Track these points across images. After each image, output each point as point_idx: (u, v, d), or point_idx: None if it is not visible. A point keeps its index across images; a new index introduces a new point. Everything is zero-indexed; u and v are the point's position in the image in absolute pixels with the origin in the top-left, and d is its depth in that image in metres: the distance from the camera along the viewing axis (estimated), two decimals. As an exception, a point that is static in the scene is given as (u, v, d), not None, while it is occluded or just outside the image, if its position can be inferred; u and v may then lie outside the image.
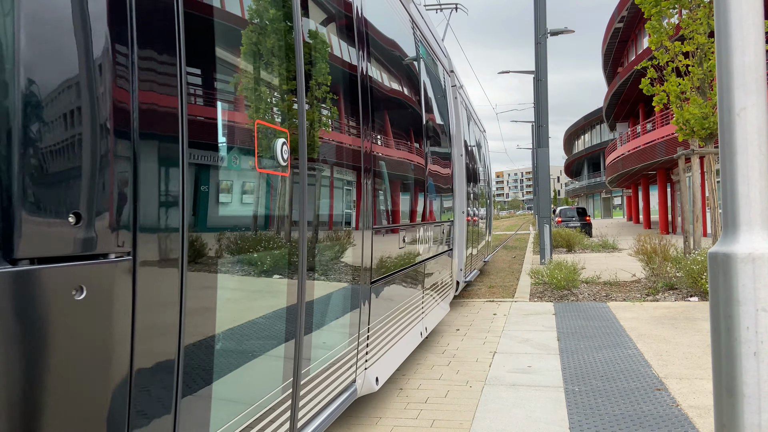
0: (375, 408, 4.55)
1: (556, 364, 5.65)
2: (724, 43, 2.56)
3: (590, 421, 4.13)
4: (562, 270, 10.38)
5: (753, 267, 2.45)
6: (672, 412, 4.24)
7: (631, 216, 51.15)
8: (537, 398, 4.64)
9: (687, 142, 12.32)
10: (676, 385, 4.85)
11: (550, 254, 15.33)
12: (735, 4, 2.53)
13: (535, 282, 11.16)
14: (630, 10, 30.87)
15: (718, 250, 2.55)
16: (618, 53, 38.80)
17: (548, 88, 16.83)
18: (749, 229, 2.50)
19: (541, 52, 16.43)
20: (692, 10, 11.44)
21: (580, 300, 9.50)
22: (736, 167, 2.53)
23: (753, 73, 2.52)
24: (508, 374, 5.34)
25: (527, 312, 8.58)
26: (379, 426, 4.18)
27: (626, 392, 4.72)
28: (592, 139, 70.73)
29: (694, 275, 9.13)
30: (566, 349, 6.24)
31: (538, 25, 16.38)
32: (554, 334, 7.00)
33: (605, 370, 5.40)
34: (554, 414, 4.28)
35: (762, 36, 2.55)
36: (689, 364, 5.49)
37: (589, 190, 77.88)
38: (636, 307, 8.67)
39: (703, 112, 11.24)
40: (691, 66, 11.56)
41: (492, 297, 10.22)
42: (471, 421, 4.21)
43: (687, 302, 8.85)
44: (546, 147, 16.53)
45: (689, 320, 7.53)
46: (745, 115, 2.51)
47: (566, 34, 17.83)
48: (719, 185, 4.76)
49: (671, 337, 6.61)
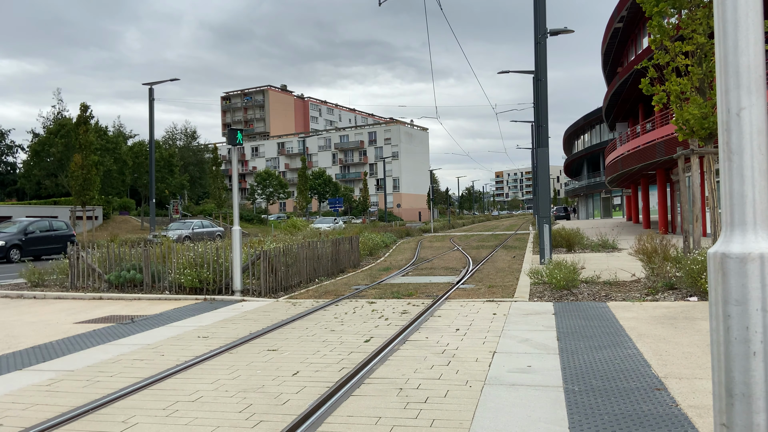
0: (375, 408, 4.56)
1: (555, 363, 5.65)
2: (724, 44, 2.56)
3: (590, 420, 4.13)
4: (562, 270, 10.38)
5: (753, 267, 2.45)
6: (672, 412, 4.24)
7: (630, 216, 51.11)
8: (537, 398, 4.64)
9: (686, 142, 12.32)
10: (675, 385, 4.85)
11: (550, 254, 15.32)
12: (734, 4, 2.53)
13: (535, 282, 11.16)
14: (630, 10, 30.85)
15: (717, 250, 2.55)
16: (618, 53, 38.77)
17: (548, 87, 16.82)
18: (749, 229, 2.50)
19: (541, 52, 16.41)
20: (692, 10, 11.44)
21: (579, 300, 9.50)
22: (736, 167, 2.53)
23: (752, 73, 2.52)
24: (507, 374, 5.34)
25: (527, 312, 8.58)
26: (378, 426, 4.18)
27: (626, 392, 4.73)
28: (592, 138, 70.70)
29: (694, 275, 9.13)
30: (566, 348, 6.24)
31: (537, 25, 16.37)
32: (554, 333, 7.00)
33: (605, 369, 5.41)
34: (554, 414, 4.28)
35: (761, 36, 2.55)
36: (689, 364, 5.49)
37: (588, 190, 77.83)
38: (636, 306, 8.67)
39: (703, 112, 11.23)
40: (690, 66, 11.55)
41: (492, 297, 10.22)
42: (471, 420, 4.21)
43: (687, 302, 8.85)
44: (546, 147, 16.53)
45: (689, 320, 7.53)
46: (744, 115, 2.52)
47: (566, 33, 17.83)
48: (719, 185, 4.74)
49: (671, 337, 6.61)
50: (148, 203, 52.92)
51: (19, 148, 66.16)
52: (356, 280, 13.67)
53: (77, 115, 34.71)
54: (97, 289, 12.39)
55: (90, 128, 34.73)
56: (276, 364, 6.01)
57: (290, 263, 12.49)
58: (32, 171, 58.16)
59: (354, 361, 5.97)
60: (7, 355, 6.89)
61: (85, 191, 33.92)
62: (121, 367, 6.12)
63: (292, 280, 12.53)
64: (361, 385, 5.17)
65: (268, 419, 4.40)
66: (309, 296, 11.21)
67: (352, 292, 11.51)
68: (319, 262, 14.14)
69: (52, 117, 62.03)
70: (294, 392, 5.05)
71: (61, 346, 7.27)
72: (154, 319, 9.06)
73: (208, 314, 9.39)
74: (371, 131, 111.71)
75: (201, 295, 11.27)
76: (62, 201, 50.28)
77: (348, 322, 8.20)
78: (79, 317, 9.51)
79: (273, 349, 6.73)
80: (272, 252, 11.76)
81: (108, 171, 53.24)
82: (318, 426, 4.20)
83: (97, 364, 6.31)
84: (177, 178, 62.03)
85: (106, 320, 9.14)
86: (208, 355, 6.46)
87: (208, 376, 5.63)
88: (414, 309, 9.14)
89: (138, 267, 12.23)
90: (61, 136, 55.43)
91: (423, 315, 8.40)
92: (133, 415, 4.57)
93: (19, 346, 7.37)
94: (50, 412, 4.69)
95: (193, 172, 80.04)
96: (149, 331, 8.13)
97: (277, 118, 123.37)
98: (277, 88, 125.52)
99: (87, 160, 33.92)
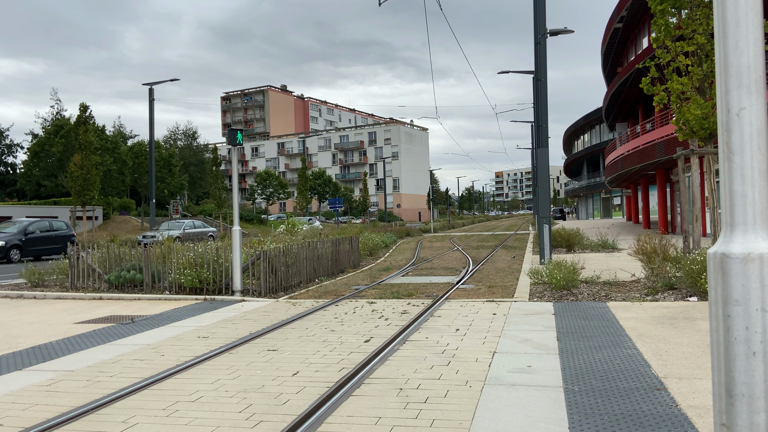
0: (375, 408, 4.56)
1: (555, 363, 5.65)
2: (724, 44, 2.57)
3: (590, 420, 4.13)
4: (562, 270, 10.38)
5: (752, 267, 2.45)
6: (671, 412, 4.24)
7: (630, 216, 51.12)
8: (537, 398, 4.64)
9: (686, 143, 12.32)
10: (675, 385, 4.86)
11: (550, 254, 15.32)
12: (734, 4, 2.53)
13: (535, 282, 11.16)
14: (629, 10, 30.85)
15: (717, 250, 2.55)
16: (617, 53, 38.78)
17: (548, 87, 16.82)
18: (748, 229, 2.50)
19: (541, 52, 16.41)
20: (692, 10, 11.44)
21: (579, 300, 9.50)
22: (736, 167, 2.53)
23: (752, 73, 2.52)
24: (507, 374, 5.34)
25: (527, 312, 8.58)
26: (378, 426, 4.19)
27: (626, 392, 4.73)
28: (592, 139, 70.70)
29: (694, 275, 9.13)
30: (566, 349, 6.25)
31: (537, 25, 16.37)
32: (554, 333, 7.00)
33: (605, 369, 5.41)
34: (554, 414, 4.29)
35: (761, 37, 2.55)
36: (689, 364, 5.49)
37: (588, 190, 77.83)
38: (635, 306, 8.67)
39: (703, 113, 11.23)
40: (691, 66, 11.55)
41: (492, 297, 10.22)
42: (470, 420, 4.21)
43: (686, 302, 8.85)
44: (546, 147, 16.53)
45: (689, 320, 7.53)
46: (744, 116, 2.52)
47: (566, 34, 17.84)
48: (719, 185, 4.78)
49: (671, 337, 6.61)
50: (148, 203, 52.94)
51: (19, 148, 66.13)
52: (356, 280, 13.67)
53: (77, 115, 34.70)
54: (97, 290, 12.39)
55: (90, 128, 34.70)
56: (276, 364, 6.01)
57: (290, 263, 12.49)
58: (32, 171, 58.15)
59: (354, 361, 5.97)
60: (7, 355, 6.89)
61: (85, 191, 33.90)
62: (121, 367, 6.12)
63: (292, 280, 12.53)
64: (361, 385, 5.17)
65: (268, 419, 4.40)
66: (309, 296, 11.21)
67: (352, 292, 11.51)
68: (319, 262, 14.14)
69: (50, 117, 62.02)
70: (294, 392, 5.05)
71: (61, 346, 7.27)
72: (154, 319, 9.06)
73: (208, 314, 9.39)
74: (371, 131, 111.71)
75: (201, 296, 11.27)
76: (62, 201, 50.28)
77: (348, 323, 8.20)
78: (79, 317, 9.51)
79: (273, 349, 6.73)
80: (272, 252, 11.76)
81: (108, 171, 53.24)
82: (318, 426, 4.20)
83: (97, 364, 6.31)
84: (177, 178, 62.03)
85: (106, 320, 9.14)
86: (208, 355, 6.46)
87: (208, 376, 5.64)
88: (414, 309, 9.14)
89: (138, 267, 12.23)
90: (61, 137, 55.42)
91: (423, 315, 8.40)
92: (133, 415, 4.57)
93: (19, 346, 7.37)
94: (50, 413, 4.69)
95: (193, 173, 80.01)
96: (149, 331, 8.13)
97: (277, 119, 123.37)
98: (277, 89, 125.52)
99: (87, 161, 33.91)
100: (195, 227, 34.58)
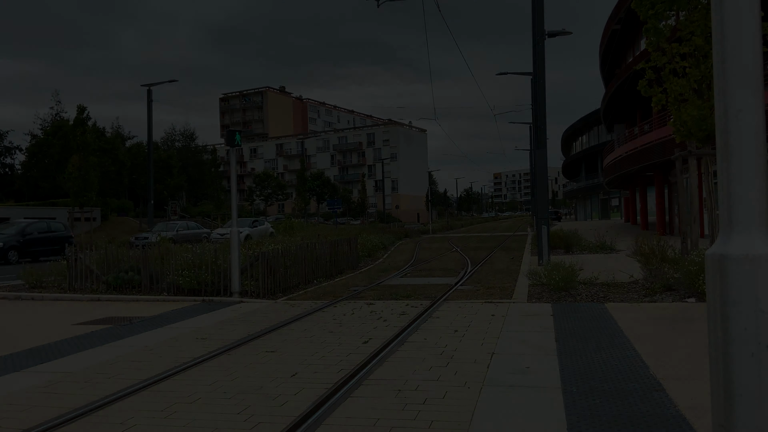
0: (373, 409, 4.55)
1: (554, 365, 5.65)
2: (722, 45, 2.57)
3: (588, 421, 4.14)
4: (560, 271, 10.39)
5: (750, 268, 2.46)
6: (670, 413, 4.24)
7: (628, 217, 51.14)
8: (535, 399, 4.65)
9: (684, 144, 12.34)
10: (673, 386, 4.86)
11: (548, 255, 15.32)
12: (732, 6, 2.54)
13: (533, 283, 11.16)
14: (627, 12, 30.88)
15: (715, 251, 2.56)
16: (615, 55, 38.81)
17: (546, 88, 16.84)
18: (746, 231, 2.51)
19: (539, 54, 16.44)
20: (690, 12, 11.45)
21: (578, 301, 9.51)
22: (734, 168, 2.53)
23: (750, 75, 2.52)
24: (506, 375, 5.34)
25: (525, 313, 8.59)
26: (377, 427, 4.18)
27: (624, 393, 4.73)
28: (590, 140, 70.76)
29: (692, 276, 9.14)
30: (564, 350, 6.25)
31: (535, 27, 16.39)
32: (552, 335, 7.00)
33: (603, 371, 5.41)
34: (552, 415, 4.29)
35: (759, 37, 2.55)
36: (687, 365, 5.49)
37: (586, 191, 77.90)
38: (634, 308, 8.68)
39: (701, 114, 11.25)
40: (688, 68, 11.57)
41: (490, 298, 10.23)
42: (469, 421, 4.21)
43: (685, 303, 8.86)
44: (544, 148, 16.55)
45: (687, 321, 7.54)
46: (742, 117, 2.52)
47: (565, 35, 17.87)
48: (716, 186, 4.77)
49: (669, 338, 6.62)
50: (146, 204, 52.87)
51: (17, 150, 66.00)
52: (355, 282, 13.67)
53: (75, 116, 34.67)
54: (95, 291, 12.37)
55: (87, 129, 34.69)
56: (274, 366, 6.00)
57: (289, 264, 12.49)
58: (30, 172, 58.04)
59: (353, 363, 5.96)
60: (5, 356, 6.87)
61: (83, 193, 33.90)
62: (119, 369, 6.11)
63: (291, 282, 12.52)
64: (360, 386, 5.17)
65: (267, 420, 4.39)
66: (307, 297, 11.20)
67: (351, 293, 11.50)
68: (317, 264, 14.14)
69: (50, 119, 61.92)
70: (293, 393, 5.04)
71: (59, 348, 7.26)
72: (153, 321, 9.05)
73: (206, 316, 9.38)
74: (370, 132, 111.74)
75: (199, 297, 11.26)
76: (60, 202, 50.15)
77: (347, 324, 8.20)
78: (77, 319, 9.50)
79: (271, 350, 6.73)
80: (271, 253, 11.75)
81: (106, 172, 53.13)
82: (317, 427, 4.20)
83: (96, 365, 6.30)
84: (175, 179, 61.96)
85: (104, 322, 9.13)
86: (207, 356, 6.45)
87: (206, 378, 5.63)
88: (413, 310, 9.14)
89: (136, 268, 12.22)
90: (59, 138, 55.35)
91: (421, 316, 8.40)
92: (132, 417, 4.57)
93: (17, 347, 7.36)
94: (48, 414, 4.68)
95: (191, 174, 79.93)
96: (147, 332, 8.12)
97: (275, 120, 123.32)
98: (275, 90, 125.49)
99: (85, 162, 33.89)
100: (188, 228, 34.52)
